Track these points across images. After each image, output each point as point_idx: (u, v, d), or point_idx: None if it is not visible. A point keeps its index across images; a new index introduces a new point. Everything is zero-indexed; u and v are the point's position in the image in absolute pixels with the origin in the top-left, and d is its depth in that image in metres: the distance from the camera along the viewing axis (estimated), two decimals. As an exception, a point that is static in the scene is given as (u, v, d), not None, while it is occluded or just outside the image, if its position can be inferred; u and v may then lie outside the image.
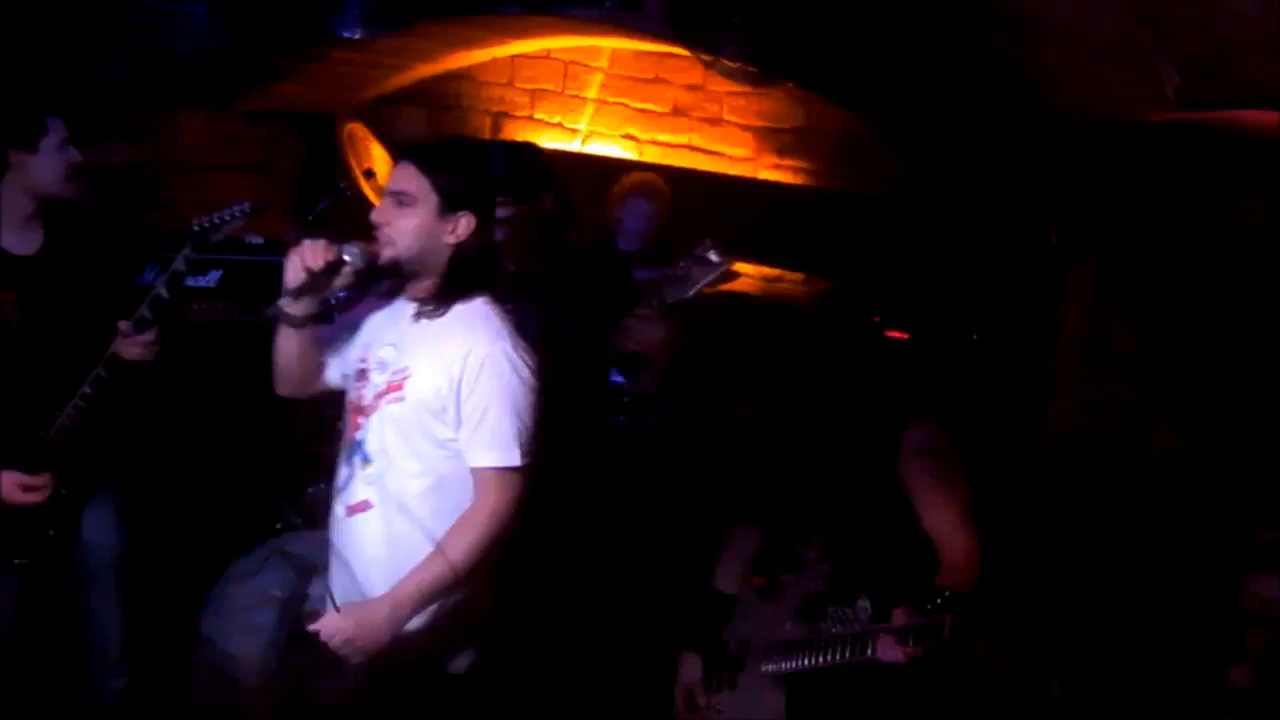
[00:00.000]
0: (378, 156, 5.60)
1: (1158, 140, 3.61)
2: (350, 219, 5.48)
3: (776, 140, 6.04)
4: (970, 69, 3.68)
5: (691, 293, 2.98)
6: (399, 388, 2.63)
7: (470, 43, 5.61)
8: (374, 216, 2.66)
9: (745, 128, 6.07)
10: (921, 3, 3.73)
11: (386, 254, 2.62)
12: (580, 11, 4.57)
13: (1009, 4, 3.40)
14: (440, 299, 2.66)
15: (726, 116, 6.09)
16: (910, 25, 3.76)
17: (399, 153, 2.76)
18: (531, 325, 3.28)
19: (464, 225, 2.64)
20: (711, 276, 2.95)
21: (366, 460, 2.64)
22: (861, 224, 5.81)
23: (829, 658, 2.35)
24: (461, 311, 2.67)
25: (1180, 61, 2.67)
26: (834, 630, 2.44)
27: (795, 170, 6.04)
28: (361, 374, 2.73)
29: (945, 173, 5.46)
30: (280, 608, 3.42)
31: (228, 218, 3.11)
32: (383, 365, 2.68)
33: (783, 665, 2.49)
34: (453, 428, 2.61)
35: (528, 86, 6.22)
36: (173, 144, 4.99)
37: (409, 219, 2.61)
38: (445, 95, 6.26)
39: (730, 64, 4.03)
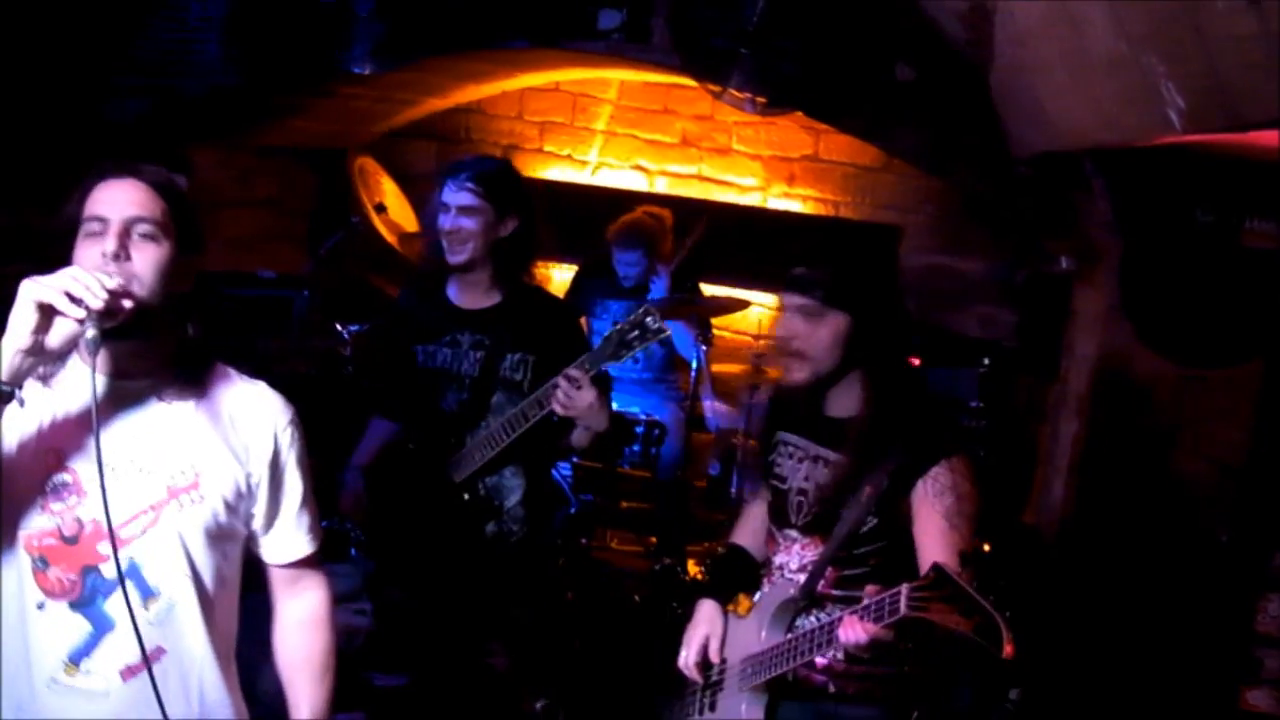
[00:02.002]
0: (389, 190, 5.64)
1: (1164, 164, 3.63)
2: (362, 252, 5.57)
3: (785, 169, 6.08)
4: (976, 95, 3.70)
5: (623, 355, 2.94)
6: (192, 487, 2.00)
7: (478, 77, 5.65)
8: (107, 249, 1.87)
9: (754, 157, 6.11)
10: (926, 31, 3.76)
11: (137, 291, 1.85)
12: (587, 44, 4.61)
13: (1013, 33, 3.43)
14: (185, 370, 2.04)
15: (735, 146, 6.13)
16: (915, 53, 3.80)
17: (115, 169, 1.94)
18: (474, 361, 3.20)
19: (193, 268, 2.00)
20: (644, 344, 2.92)
21: (150, 595, 1.98)
22: (871, 251, 5.84)
23: (800, 656, 2.38)
24: (215, 380, 2.08)
25: (1183, 85, 2.68)
26: (802, 632, 2.46)
27: (804, 198, 6.07)
28: (63, 490, 1.93)
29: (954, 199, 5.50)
30: None
31: None
32: (134, 468, 1.97)
33: (759, 677, 2.52)
34: (253, 519, 2.12)
35: (537, 119, 6.27)
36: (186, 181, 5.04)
37: (155, 251, 1.90)
38: (455, 129, 6.31)
39: (738, 94, 4.05)
